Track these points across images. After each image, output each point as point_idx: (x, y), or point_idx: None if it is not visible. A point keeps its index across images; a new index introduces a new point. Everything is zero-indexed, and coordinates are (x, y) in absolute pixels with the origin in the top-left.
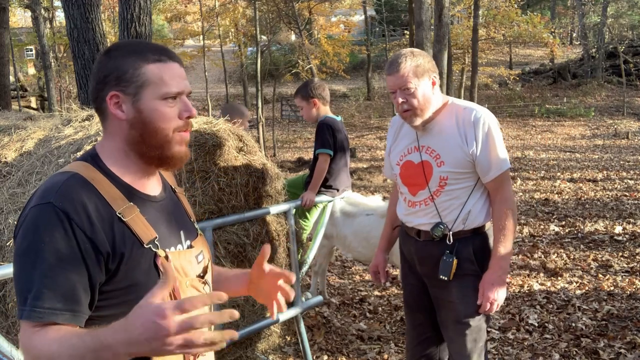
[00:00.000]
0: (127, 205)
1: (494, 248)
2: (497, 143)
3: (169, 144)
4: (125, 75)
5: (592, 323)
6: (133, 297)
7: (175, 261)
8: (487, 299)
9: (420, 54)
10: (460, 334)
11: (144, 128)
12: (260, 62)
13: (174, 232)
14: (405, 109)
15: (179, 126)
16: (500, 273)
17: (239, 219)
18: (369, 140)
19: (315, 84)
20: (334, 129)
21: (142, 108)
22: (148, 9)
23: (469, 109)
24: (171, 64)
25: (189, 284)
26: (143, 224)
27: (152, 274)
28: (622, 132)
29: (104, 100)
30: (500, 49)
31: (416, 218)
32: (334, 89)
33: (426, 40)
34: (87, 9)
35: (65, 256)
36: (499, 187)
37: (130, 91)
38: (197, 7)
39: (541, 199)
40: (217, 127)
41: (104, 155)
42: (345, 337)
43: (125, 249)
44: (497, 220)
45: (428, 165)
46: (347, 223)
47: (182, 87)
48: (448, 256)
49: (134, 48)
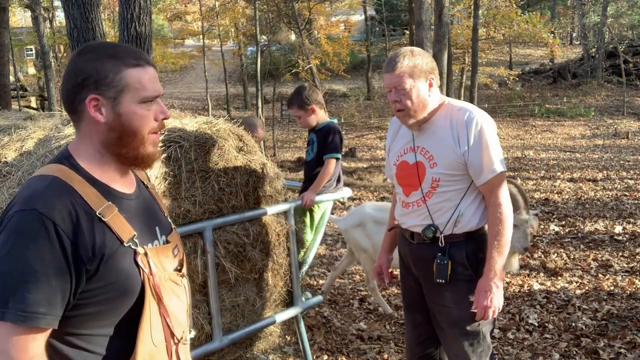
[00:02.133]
0: (105, 204)
1: (487, 253)
2: (490, 145)
3: (144, 145)
4: (105, 79)
5: (592, 323)
6: (113, 295)
7: (154, 257)
8: (481, 306)
9: (420, 53)
10: (456, 339)
11: (122, 131)
12: (260, 62)
13: (150, 229)
14: (398, 109)
15: (153, 128)
16: (494, 280)
17: (239, 219)
18: (369, 140)
19: (308, 90)
20: (340, 133)
21: (121, 111)
22: (148, 8)
23: (463, 110)
24: (148, 68)
25: (167, 278)
26: (122, 223)
27: (133, 272)
28: (622, 132)
29: (82, 103)
30: (500, 48)
31: (409, 219)
32: (334, 89)
33: (426, 40)
34: (87, 8)
35: (49, 262)
36: (492, 190)
37: (110, 95)
38: (197, 6)
39: (541, 198)
40: (217, 127)
41: (78, 157)
42: (345, 337)
43: (105, 248)
44: (491, 226)
45: (422, 166)
46: (381, 232)
47: (158, 90)
48: (441, 259)
49: (112, 51)
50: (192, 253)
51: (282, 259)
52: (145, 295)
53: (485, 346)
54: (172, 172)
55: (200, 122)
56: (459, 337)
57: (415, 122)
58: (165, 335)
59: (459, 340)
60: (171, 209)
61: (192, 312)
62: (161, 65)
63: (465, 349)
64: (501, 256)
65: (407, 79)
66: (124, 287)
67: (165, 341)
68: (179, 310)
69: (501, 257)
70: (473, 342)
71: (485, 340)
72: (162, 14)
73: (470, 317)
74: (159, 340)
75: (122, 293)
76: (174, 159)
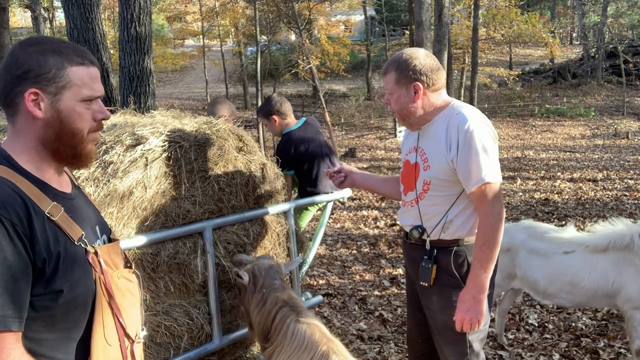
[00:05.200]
0: (52, 204)
1: (472, 265)
2: (481, 153)
3: (83, 143)
4: (47, 74)
5: (592, 323)
6: (73, 294)
7: (105, 255)
8: (458, 317)
9: (418, 57)
10: (443, 344)
11: (61, 128)
12: (260, 62)
13: (92, 228)
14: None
15: (92, 127)
16: (474, 292)
17: (239, 219)
18: (369, 140)
19: (274, 100)
20: (295, 144)
21: (61, 108)
22: (148, 8)
23: (460, 115)
24: (92, 67)
25: (120, 276)
26: (70, 222)
27: (88, 270)
28: (622, 132)
29: (19, 96)
30: (500, 49)
31: (404, 218)
32: (334, 89)
33: (426, 40)
34: (87, 9)
35: (13, 263)
36: (481, 199)
37: (50, 90)
38: (197, 7)
39: (541, 198)
40: (217, 127)
41: (16, 155)
42: (345, 337)
43: (59, 247)
44: (479, 236)
45: (418, 167)
46: (536, 265)
47: (100, 90)
48: (426, 262)
49: (56, 47)
50: (192, 253)
51: (282, 259)
52: (96, 294)
53: (472, 354)
54: (172, 172)
55: (200, 122)
56: (445, 343)
57: (408, 125)
58: (119, 334)
59: (445, 346)
60: (171, 209)
61: (193, 311)
62: (161, 65)
63: (452, 356)
64: (484, 269)
65: (393, 86)
66: (82, 286)
67: (120, 341)
68: (133, 307)
69: (484, 270)
70: (459, 348)
71: (472, 348)
72: (162, 14)
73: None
74: (112, 340)
75: (80, 292)
76: (174, 159)
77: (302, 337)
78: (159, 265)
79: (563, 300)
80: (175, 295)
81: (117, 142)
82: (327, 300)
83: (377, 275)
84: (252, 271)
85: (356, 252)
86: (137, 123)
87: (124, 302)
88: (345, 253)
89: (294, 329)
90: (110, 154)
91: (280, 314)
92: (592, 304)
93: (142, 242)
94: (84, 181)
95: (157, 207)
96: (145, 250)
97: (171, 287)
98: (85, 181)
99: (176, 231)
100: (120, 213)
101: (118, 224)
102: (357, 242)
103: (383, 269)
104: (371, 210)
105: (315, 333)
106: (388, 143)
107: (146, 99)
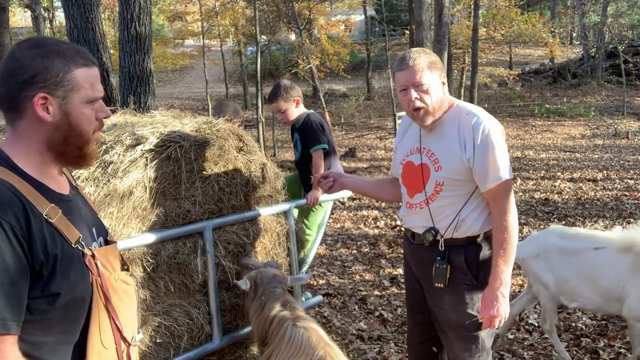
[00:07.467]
0: (49, 206)
1: (493, 262)
2: (497, 152)
3: (89, 144)
4: (55, 78)
5: (592, 323)
6: (70, 297)
7: (102, 258)
8: (487, 316)
9: (431, 52)
10: (455, 342)
11: (69, 131)
12: (260, 62)
13: (89, 230)
14: (417, 107)
15: (96, 127)
16: (500, 289)
17: (239, 218)
18: (369, 140)
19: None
20: (319, 122)
21: (70, 111)
22: (148, 8)
23: (471, 114)
24: (94, 68)
25: (117, 278)
26: (67, 224)
27: (85, 273)
28: (622, 132)
29: (27, 101)
30: (500, 48)
31: (411, 220)
32: (334, 89)
33: (426, 40)
34: (87, 8)
35: (11, 266)
36: (496, 197)
37: (59, 94)
38: (197, 7)
39: (541, 198)
40: (217, 127)
41: (16, 157)
42: (345, 337)
43: (57, 250)
44: (497, 233)
45: (426, 168)
46: (568, 263)
47: (102, 90)
48: (440, 262)
49: (58, 49)
50: (192, 253)
51: (282, 259)
52: (93, 297)
53: (483, 351)
54: (172, 172)
55: (200, 122)
56: (457, 340)
57: (430, 122)
58: (115, 337)
59: (457, 343)
60: (171, 209)
61: (193, 311)
62: (161, 65)
63: (464, 352)
64: (507, 265)
65: (426, 74)
66: (80, 289)
67: (116, 344)
68: (130, 310)
69: (507, 266)
70: (471, 346)
71: (484, 344)
72: (162, 14)
73: (468, 321)
74: (109, 343)
75: (79, 295)
76: (174, 159)
77: (299, 341)
78: (159, 265)
79: (586, 302)
80: (175, 295)
81: (117, 142)
82: (327, 300)
83: (377, 275)
84: (254, 279)
85: (356, 252)
86: (137, 123)
87: (121, 305)
88: (345, 253)
89: (291, 332)
90: (111, 154)
91: (277, 318)
92: (609, 308)
93: (142, 242)
94: (83, 181)
95: (157, 207)
96: (145, 250)
97: (171, 287)
98: (85, 181)
99: (176, 231)
100: (121, 213)
101: (118, 223)
102: (357, 242)
103: (383, 269)
104: (371, 210)
105: (312, 337)
106: (388, 143)
107: (146, 99)
